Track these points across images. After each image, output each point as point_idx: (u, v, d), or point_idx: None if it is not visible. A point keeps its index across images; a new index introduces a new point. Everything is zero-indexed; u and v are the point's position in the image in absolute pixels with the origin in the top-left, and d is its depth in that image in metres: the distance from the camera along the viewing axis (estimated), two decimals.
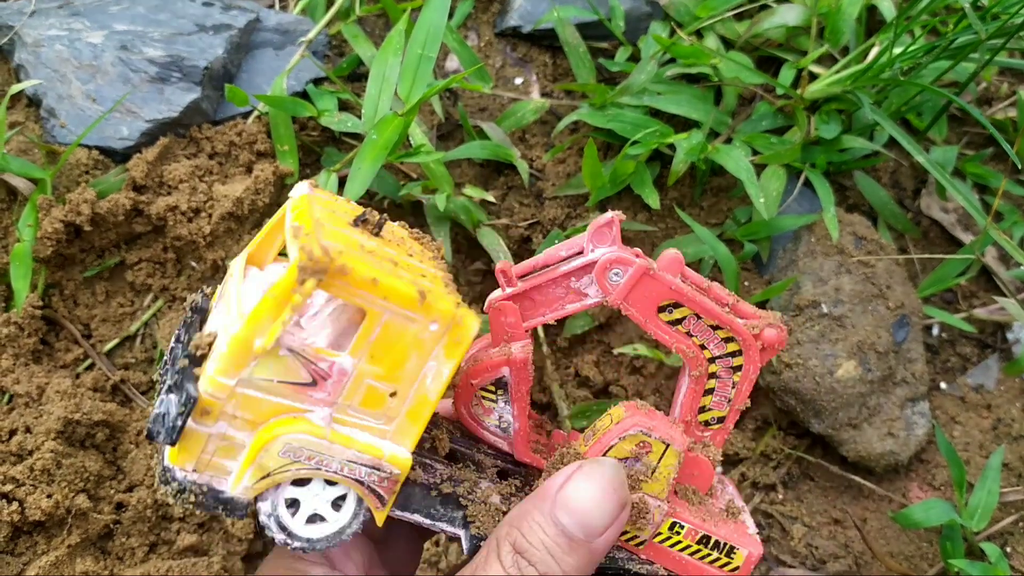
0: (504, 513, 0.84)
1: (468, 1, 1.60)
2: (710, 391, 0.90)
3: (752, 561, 0.88)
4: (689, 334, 0.88)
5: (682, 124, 1.46)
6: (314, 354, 0.72)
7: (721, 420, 0.92)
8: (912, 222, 1.48)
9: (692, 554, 0.88)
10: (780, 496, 1.34)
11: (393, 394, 0.74)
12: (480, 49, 1.61)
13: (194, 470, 0.73)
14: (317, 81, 1.50)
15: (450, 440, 0.88)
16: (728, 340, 0.89)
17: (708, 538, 0.87)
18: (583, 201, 1.44)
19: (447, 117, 1.52)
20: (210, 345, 0.72)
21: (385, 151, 1.16)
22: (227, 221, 1.36)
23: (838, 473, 1.34)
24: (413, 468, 0.79)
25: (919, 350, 1.35)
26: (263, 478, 0.73)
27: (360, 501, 0.77)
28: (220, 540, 1.29)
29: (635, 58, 1.54)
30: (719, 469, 1.03)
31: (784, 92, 1.44)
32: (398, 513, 0.81)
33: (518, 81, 1.61)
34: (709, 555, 0.88)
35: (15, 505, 1.18)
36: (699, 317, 0.87)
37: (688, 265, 1.40)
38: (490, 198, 1.42)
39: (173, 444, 0.71)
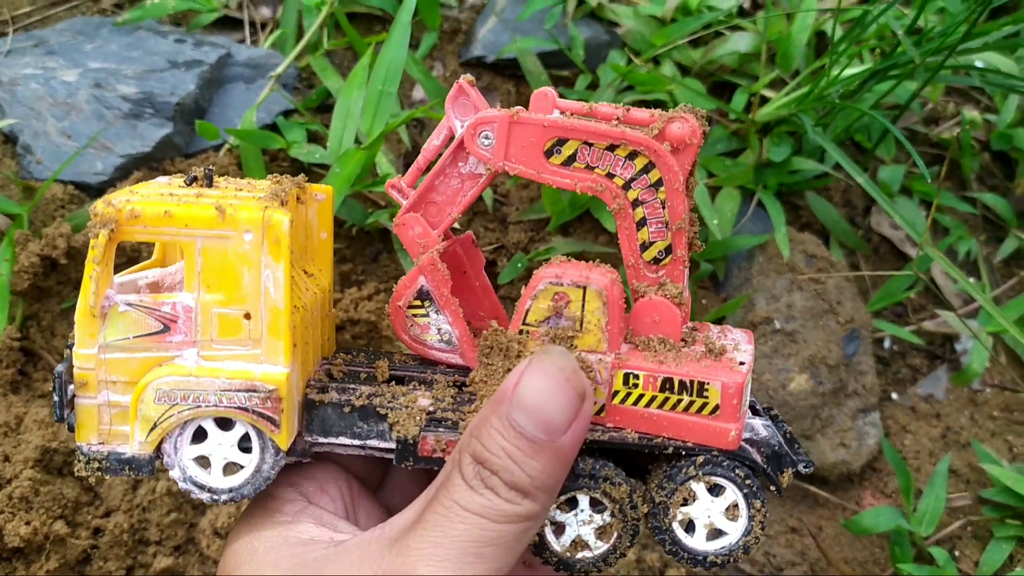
0: (429, 414, 0.80)
1: (433, 33, 1.65)
2: (643, 222, 0.81)
3: (728, 392, 0.76)
4: (589, 167, 0.81)
5: None
6: (152, 301, 0.75)
7: (669, 250, 0.82)
8: (863, 239, 1.54)
9: (661, 406, 0.78)
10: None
11: (247, 316, 0.75)
12: (446, 79, 1.66)
13: (101, 442, 0.77)
14: (287, 113, 1.55)
15: (403, 369, 0.87)
16: (632, 156, 0.80)
17: (670, 381, 0.77)
18: (545, 225, 1.49)
19: (414, 145, 1.57)
20: None
21: (348, 183, 1.21)
22: None
23: (793, 483, 1.39)
24: (326, 391, 0.81)
25: (869, 363, 1.41)
26: (152, 429, 0.76)
27: (262, 433, 0.78)
28: (196, 562, 1.33)
29: (595, 85, 1.59)
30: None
31: (737, 116, 1.50)
32: (323, 440, 0.81)
33: None
34: (679, 400, 0.77)
35: None
36: (590, 144, 0.80)
37: None
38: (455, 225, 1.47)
39: (61, 420, 0.76)
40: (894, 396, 1.47)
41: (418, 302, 0.85)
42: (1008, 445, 1.42)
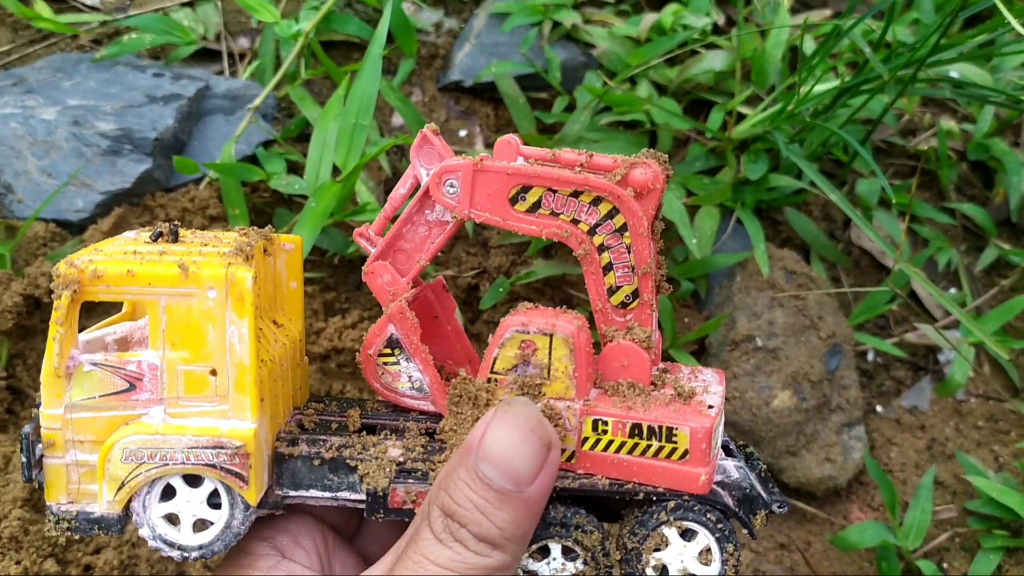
0: (399, 465, 0.80)
1: (411, 59, 1.66)
2: (609, 267, 0.81)
3: (697, 436, 0.76)
4: (554, 213, 0.81)
5: None
6: (117, 360, 0.76)
7: (636, 294, 0.82)
8: (843, 252, 1.55)
9: (631, 451, 0.78)
10: None
11: (213, 372, 0.75)
12: (424, 104, 1.67)
13: (70, 502, 0.77)
14: (267, 144, 1.55)
15: (375, 417, 0.87)
16: (596, 201, 0.80)
17: (639, 426, 0.77)
18: (526, 248, 1.50)
19: (394, 172, 1.58)
20: None
21: (324, 216, 1.22)
22: None
23: None
24: (296, 444, 0.81)
25: (853, 376, 1.41)
26: (120, 488, 0.76)
27: (231, 489, 0.77)
28: None
29: (572, 107, 1.60)
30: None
31: (713, 135, 1.51)
32: (293, 494, 0.81)
33: (463, 133, 1.67)
34: (648, 445, 0.77)
35: None
36: (554, 191, 0.80)
37: None
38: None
39: (29, 481, 0.77)
40: (879, 409, 1.48)
41: (388, 350, 0.85)
42: (994, 455, 1.42)
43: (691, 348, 1.42)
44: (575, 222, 0.81)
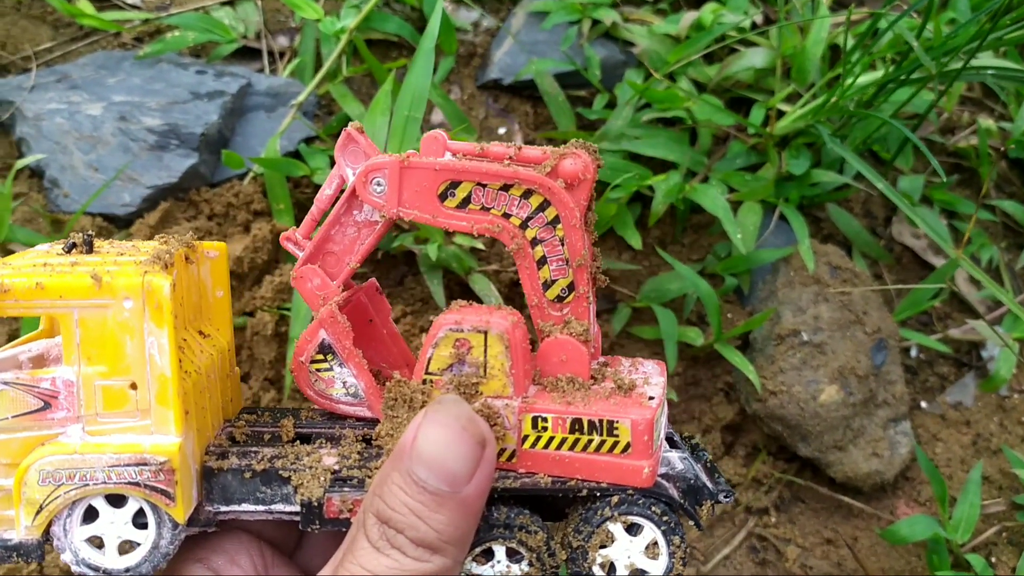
0: (335, 473, 0.77)
1: (450, 57, 1.67)
2: (543, 261, 0.80)
3: (639, 429, 0.74)
4: (485, 208, 0.79)
5: (660, 166, 1.53)
6: (29, 378, 0.72)
7: (572, 287, 0.80)
8: (885, 249, 1.55)
9: (572, 447, 0.76)
10: (773, 519, 1.39)
11: (133, 386, 0.72)
12: (464, 102, 1.67)
13: None
14: (308, 140, 1.56)
15: (309, 426, 0.84)
16: (527, 195, 0.78)
17: (579, 421, 0.75)
18: None
19: None
20: None
21: None
22: (231, 280, 1.41)
23: (827, 494, 1.39)
24: (226, 457, 0.77)
25: (898, 372, 1.41)
26: (38, 513, 0.72)
27: (157, 508, 0.74)
28: None
29: (612, 104, 1.61)
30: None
31: (755, 131, 1.51)
32: (225, 509, 0.77)
33: (501, 131, 1.67)
34: (590, 440, 0.75)
35: None
36: (484, 185, 0.78)
37: (672, 301, 1.47)
38: (480, 245, 1.48)
39: None
40: (923, 405, 1.48)
41: (320, 356, 0.82)
42: None
43: (736, 343, 1.42)
44: (506, 216, 0.79)
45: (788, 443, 1.37)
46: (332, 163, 1.53)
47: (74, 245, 0.78)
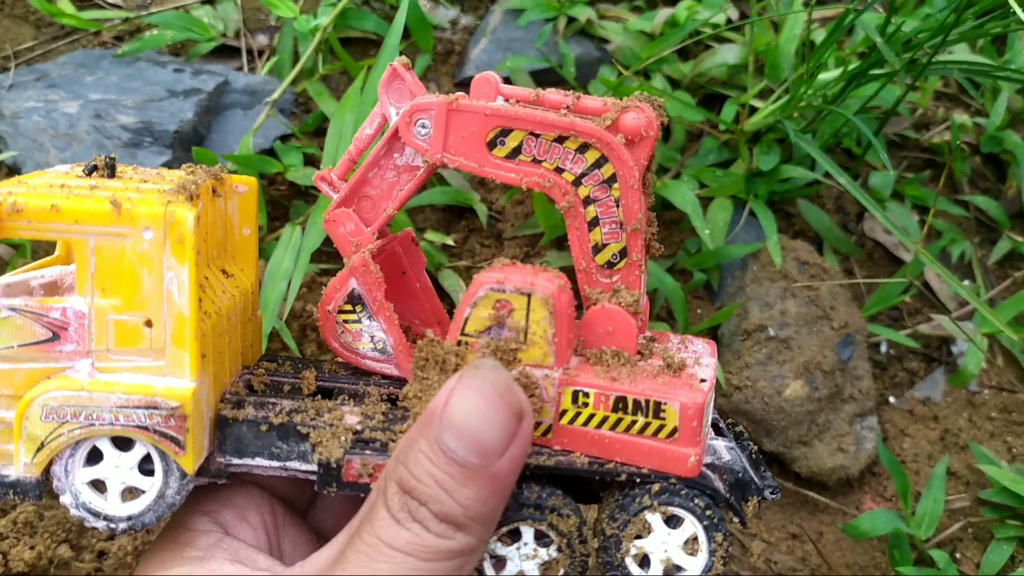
0: (356, 433, 0.72)
1: (427, 55, 1.68)
2: (595, 222, 0.74)
3: (688, 413, 0.69)
4: (536, 160, 0.74)
5: None
6: (39, 306, 0.67)
7: (624, 253, 0.75)
8: (856, 244, 1.55)
9: (613, 427, 0.71)
10: None
11: (148, 323, 0.67)
12: None
13: None
14: (285, 138, 1.57)
15: (332, 380, 0.79)
16: (583, 149, 0.73)
17: (624, 400, 0.70)
18: (540, 239, 1.51)
19: None
20: None
21: None
22: None
23: (793, 489, 1.39)
24: (242, 407, 0.73)
25: (865, 367, 1.41)
26: (39, 450, 0.68)
27: (165, 455, 0.69)
28: None
29: None
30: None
31: (727, 127, 1.52)
32: (237, 462, 0.72)
33: None
34: (633, 421, 0.70)
35: None
36: (537, 135, 0.73)
37: None
38: (450, 242, 1.49)
39: None
40: (891, 400, 1.48)
41: (349, 307, 0.77)
42: (1007, 446, 1.42)
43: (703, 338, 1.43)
44: (559, 171, 0.74)
45: (753, 438, 1.37)
46: (306, 161, 1.55)
47: (95, 168, 0.73)
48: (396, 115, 0.77)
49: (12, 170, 1.49)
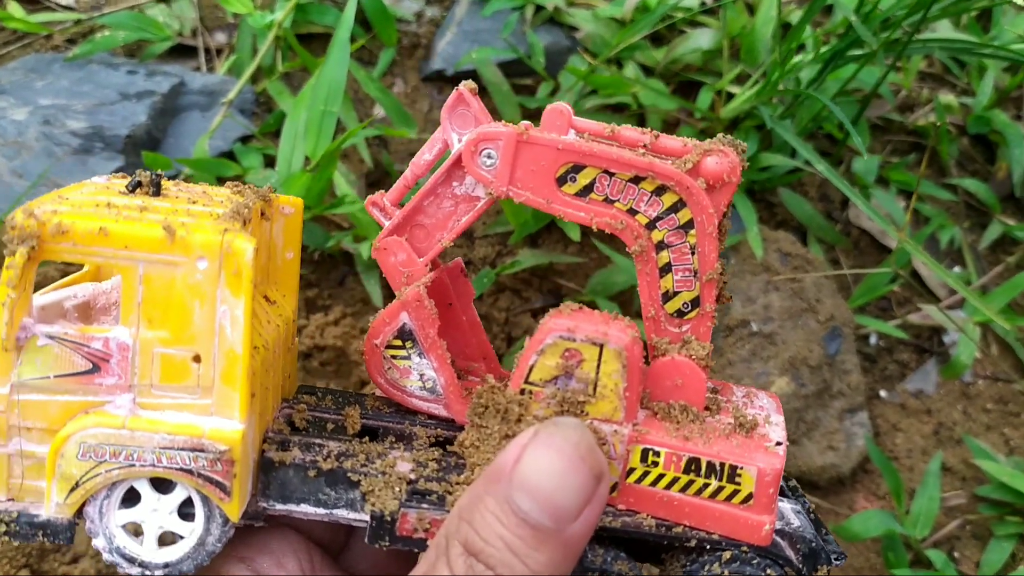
0: (411, 483, 0.68)
1: (391, 49, 1.62)
2: (667, 268, 0.71)
3: (765, 480, 0.65)
4: (608, 200, 0.70)
5: None
6: (79, 335, 0.63)
7: (696, 303, 0.71)
8: (842, 233, 1.49)
9: (684, 489, 0.67)
10: None
11: (196, 358, 0.63)
12: (407, 95, 1.62)
13: (10, 499, 0.65)
14: (245, 139, 1.51)
15: (376, 418, 0.75)
16: (660, 191, 0.69)
17: (697, 462, 0.66)
18: (510, 237, 1.45)
19: (376, 164, 1.53)
20: None
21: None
22: None
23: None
24: (288, 448, 0.68)
25: (854, 361, 1.35)
26: (73, 490, 0.63)
27: (208, 500, 0.65)
28: None
29: (558, 92, 1.56)
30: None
31: (703, 115, 1.46)
32: (280, 507, 0.68)
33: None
34: (706, 484, 0.67)
35: None
36: (611, 174, 0.69)
37: (619, 294, 1.41)
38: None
39: None
40: (882, 394, 1.42)
41: (399, 342, 0.73)
42: (1004, 438, 1.36)
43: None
44: (632, 212, 0.70)
45: None
46: (267, 162, 1.48)
47: (139, 184, 0.68)
48: (459, 142, 0.72)
49: None
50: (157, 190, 0.68)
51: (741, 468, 0.66)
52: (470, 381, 0.78)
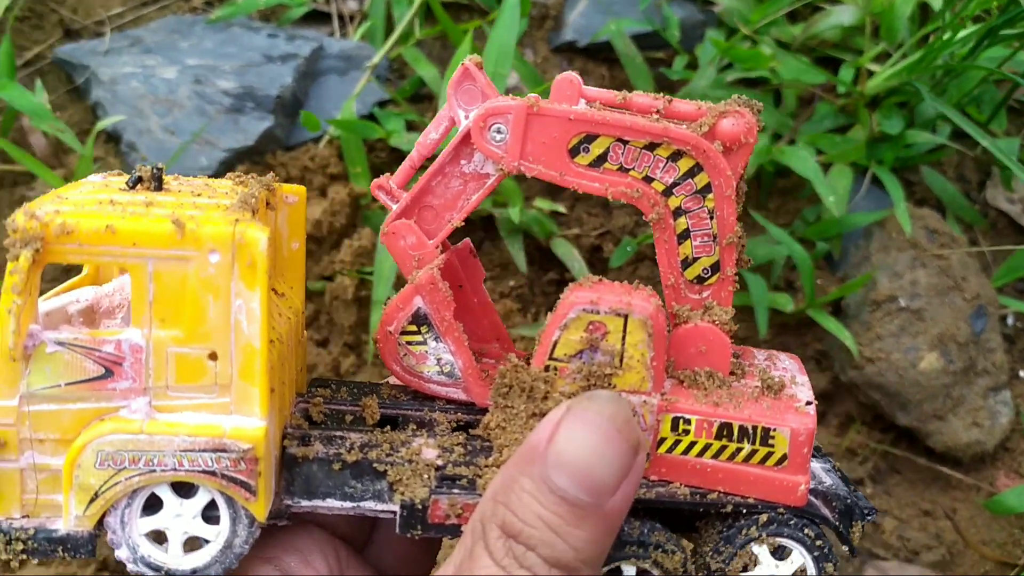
0: (439, 469, 0.66)
1: (523, 19, 1.62)
2: (686, 235, 0.69)
3: (799, 440, 0.65)
4: (623, 168, 0.68)
5: None
6: (90, 339, 0.60)
7: (716, 268, 0.70)
8: (979, 213, 1.49)
9: (716, 455, 0.66)
10: (868, 491, 1.34)
11: (213, 356, 0.61)
12: (538, 65, 1.63)
13: (25, 516, 0.62)
14: (382, 104, 1.53)
15: (394, 406, 0.73)
16: (675, 156, 0.68)
17: (728, 426, 0.66)
18: None
19: None
20: None
21: None
22: (308, 243, 1.39)
23: (925, 465, 1.34)
24: (309, 443, 0.67)
25: (997, 340, 1.36)
26: (92, 500, 0.61)
27: (233, 500, 0.63)
28: None
29: (693, 65, 1.56)
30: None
31: (846, 90, 1.46)
32: (306, 504, 0.66)
33: None
34: (738, 449, 0.66)
35: None
36: (625, 141, 0.68)
37: (759, 267, 1.42)
38: (561, 209, 1.45)
39: None
40: (1021, 374, 1.42)
41: (413, 327, 0.71)
42: None
43: (827, 310, 1.38)
44: (648, 180, 0.68)
45: (886, 412, 1.32)
46: (408, 127, 1.50)
47: (140, 179, 0.66)
48: (466, 119, 0.70)
49: (112, 137, 1.45)
50: (159, 184, 0.66)
51: (774, 430, 0.65)
52: (485, 363, 0.76)
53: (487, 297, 0.81)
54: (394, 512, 0.66)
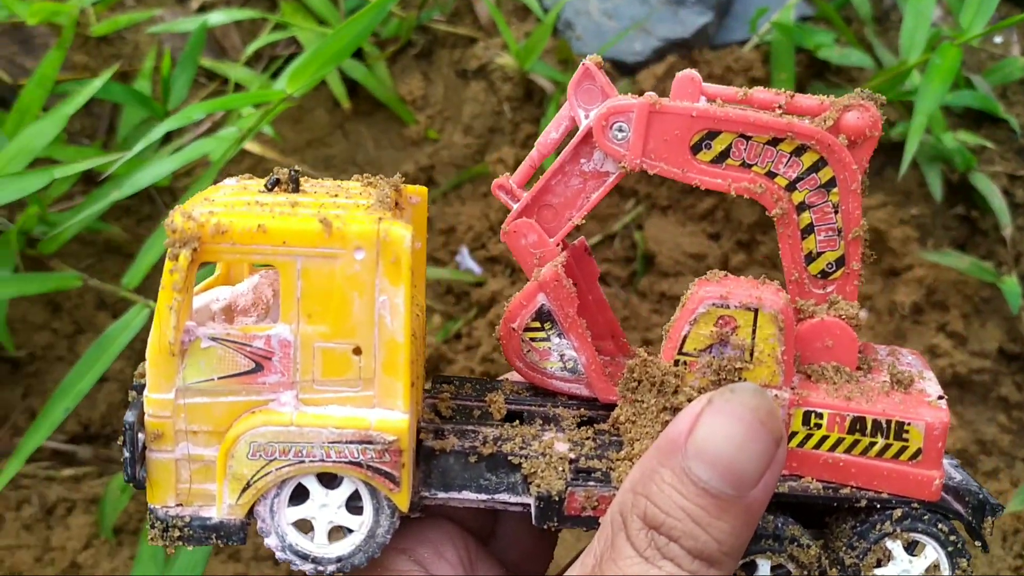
0: (572, 462, 0.69)
1: None
2: (809, 229, 0.71)
3: (934, 434, 0.66)
4: (746, 164, 0.70)
5: None
6: (242, 335, 0.64)
7: (841, 262, 0.71)
8: None
9: (848, 450, 0.68)
10: None
11: (357, 350, 0.64)
12: None
13: (179, 504, 0.66)
14: (803, 19, 1.55)
15: (518, 402, 0.76)
16: (799, 151, 0.69)
17: (861, 420, 0.67)
18: None
19: None
20: None
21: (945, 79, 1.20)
22: None
23: None
24: (443, 436, 0.70)
25: None
26: (244, 490, 0.64)
27: (376, 491, 0.66)
28: None
29: None
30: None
31: None
32: (442, 496, 0.69)
33: (997, 40, 1.59)
34: (871, 443, 0.67)
35: None
36: (747, 137, 0.69)
37: None
38: (988, 144, 1.42)
39: (131, 480, 0.65)
40: None
41: (537, 324, 0.74)
42: None
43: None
44: (771, 175, 0.70)
45: None
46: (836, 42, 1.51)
47: (278, 181, 0.69)
48: (586, 117, 0.72)
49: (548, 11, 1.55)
50: (296, 186, 0.69)
51: (908, 424, 0.66)
52: (602, 360, 0.78)
53: (602, 294, 0.83)
54: (526, 505, 0.69)
